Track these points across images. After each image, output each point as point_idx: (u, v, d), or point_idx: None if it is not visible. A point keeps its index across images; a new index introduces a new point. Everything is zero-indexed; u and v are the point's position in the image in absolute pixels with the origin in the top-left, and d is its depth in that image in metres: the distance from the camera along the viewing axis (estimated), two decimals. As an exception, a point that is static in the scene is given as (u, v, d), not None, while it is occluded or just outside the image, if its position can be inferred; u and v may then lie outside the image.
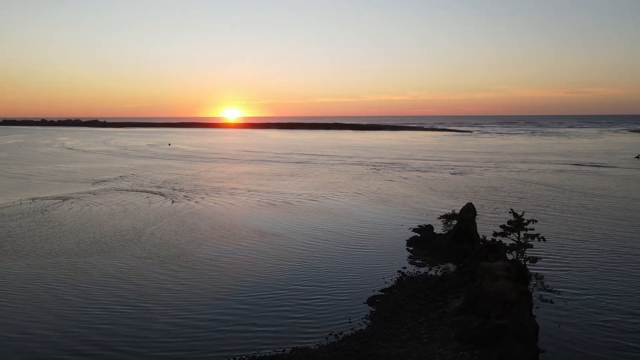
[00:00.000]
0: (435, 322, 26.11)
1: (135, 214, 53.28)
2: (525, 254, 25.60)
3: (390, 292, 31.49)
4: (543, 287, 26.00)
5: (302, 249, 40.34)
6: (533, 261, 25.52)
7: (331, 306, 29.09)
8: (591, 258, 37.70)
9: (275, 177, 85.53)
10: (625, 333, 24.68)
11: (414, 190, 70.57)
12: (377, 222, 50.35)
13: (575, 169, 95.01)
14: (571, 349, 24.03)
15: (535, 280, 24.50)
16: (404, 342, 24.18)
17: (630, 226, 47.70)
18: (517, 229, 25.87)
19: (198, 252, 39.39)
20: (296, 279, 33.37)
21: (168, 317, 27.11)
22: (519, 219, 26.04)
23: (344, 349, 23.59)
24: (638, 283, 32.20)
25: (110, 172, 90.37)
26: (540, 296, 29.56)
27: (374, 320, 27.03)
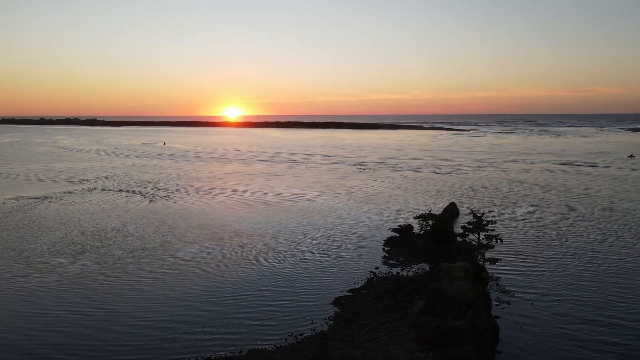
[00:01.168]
0: (396, 323, 25.99)
1: (116, 214, 53.17)
2: (485, 255, 25.42)
3: (358, 292, 31.33)
4: (504, 289, 25.89)
5: (277, 250, 40.20)
6: (493, 262, 25.38)
7: (297, 307, 28.93)
8: (567, 260, 37.34)
9: (261, 176, 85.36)
10: (585, 342, 24.47)
11: (400, 190, 70.41)
12: (357, 222, 50.20)
13: (565, 169, 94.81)
14: (530, 351, 23.84)
15: (491, 281, 24.36)
16: (362, 343, 24.07)
17: (611, 228, 47.50)
18: (476, 230, 25.69)
19: (172, 252, 39.27)
20: (266, 280, 33.21)
21: (130, 318, 26.98)
22: (478, 219, 25.90)
23: (301, 350, 23.48)
24: (608, 288, 31.73)
25: (98, 172, 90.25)
26: (505, 297, 29.50)
27: (336, 322, 26.90)
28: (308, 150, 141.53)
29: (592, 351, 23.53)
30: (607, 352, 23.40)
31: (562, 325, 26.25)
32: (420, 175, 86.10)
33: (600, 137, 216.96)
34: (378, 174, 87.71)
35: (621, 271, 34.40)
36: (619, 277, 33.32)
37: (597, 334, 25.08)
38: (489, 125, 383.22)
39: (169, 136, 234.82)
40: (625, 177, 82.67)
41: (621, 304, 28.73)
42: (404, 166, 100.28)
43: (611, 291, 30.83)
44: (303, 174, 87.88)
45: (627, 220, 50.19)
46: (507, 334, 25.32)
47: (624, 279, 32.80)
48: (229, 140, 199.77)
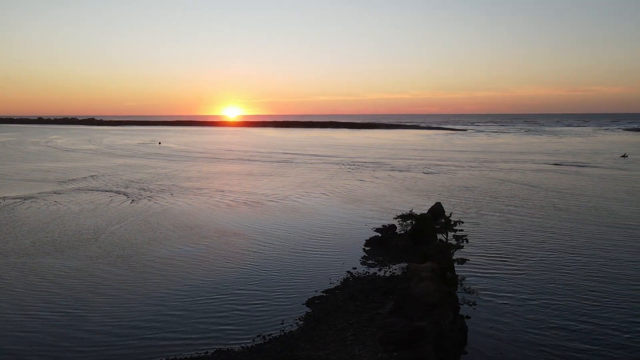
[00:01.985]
0: (365, 324, 25.97)
1: (100, 214, 53.15)
2: (453, 255, 25.45)
3: (333, 293, 31.30)
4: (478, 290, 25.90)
5: (257, 250, 40.19)
6: (461, 262, 25.40)
7: (269, 308, 28.89)
8: (546, 262, 37.08)
9: (249, 176, 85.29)
10: (552, 347, 24.34)
11: (388, 190, 70.43)
12: (341, 222, 50.20)
13: (556, 169, 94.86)
14: (495, 353, 23.84)
15: (463, 282, 24.36)
16: (328, 343, 24.06)
17: (595, 228, 47.52)
18: (445, 230, 25.71)
19: (152, 253, 39.25)
20: (242, 282, 33.16)
21: (96, 322, 26.68)
22: (446, 220, 25.87)
23: (266, 351, 23.48)
24: (585, 292, 31.41)
25: (86, 171, 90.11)
26: (479, 298, 29.54)
27: (306, 322, 26.87)
28: (301, 150, 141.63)
29: (557, 357, 23.45)
30: (573, 359, 23.33)
31: (531, 328, 26.13)
32: (410, 175, 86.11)
33: (596, 136, 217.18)
34: (367, 174, 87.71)
35: (600, 274, 34.15)
36: (597, 280, 32.99)
37: (566, 340, 24.81)
38: (487, 125, 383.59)
39: (166, 136, 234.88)
40: (615, 176, 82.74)
41: (595, 309, 28.45)
42: (395, 166, 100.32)
43: (587, 295, 30.51)
44: (291, 174, 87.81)
45: (611, 220, 50.22)
46: (476, 335, 25.34)
47: (601, 283, 32.50)
48: (224, 140, 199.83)
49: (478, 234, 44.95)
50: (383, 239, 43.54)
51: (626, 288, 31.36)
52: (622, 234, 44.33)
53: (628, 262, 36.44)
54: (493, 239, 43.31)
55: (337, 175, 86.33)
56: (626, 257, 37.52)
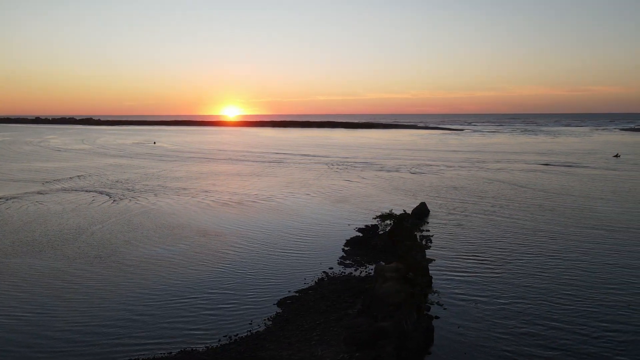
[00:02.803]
0: (332, 324, 25.99)
1: (83, 214, 53.11)
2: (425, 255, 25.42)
3: (306, 293, 31.28)
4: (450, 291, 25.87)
5: (235, 251, 40.17)
6: (428, 262, 25.35)
7: (240, 309, 28.82)
8: (524, 263, 36.82)
9: (237, 176, 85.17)
10: (515, 351, 24.25)
11: (376, 190, 70.42)
12: (324, 222, 50.17)
13: (546, 169, 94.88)
14: (459, 353, 23.81)
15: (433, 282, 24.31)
16: (292, 344, 24.06)
17: (577, 229, 47.51)
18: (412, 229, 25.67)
19: (131, 253, 39.22)
20: (215, 283, 33.10)
21: (65, 323, 26.52)
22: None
23: (230, 351, 23.46)
24: (559, 294, 31.06)
25: (74, 171, 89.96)
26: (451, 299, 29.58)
27: (275, 322, 26.85)
28: (293, 150, 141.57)
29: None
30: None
31: (499, 331, 25.73)
32: (399, 175, 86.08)
33: (592, 136, 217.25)
34: (356, 174, 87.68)
35: (576, 278, 33.64)
36: (572, 284, 32.41)
37: (531, 346, 24.33)
38: (484, 125, 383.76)
39: (162, 135, 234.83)
40: (604, 176, 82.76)
41: (568, 314, 27.93)
42: (385, 166, 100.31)
43: (562, 299, 29.93)
44: (279, 174, 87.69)
45: (594, 221, 50.15)
46: (442, 335, 25.28)
47: (577, 287, 31.90)
48: (218, 140, 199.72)
49: (460, 235, 44.95)
50: (363, 239, 43.51)
51: (601, 292, 30.85)
52: (604, 236, 44.19)
53: (606, 265, 35.97)
54: (474, 240, 43.25)
55: (326, 175, 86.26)
56: (605, 260, 37.06)
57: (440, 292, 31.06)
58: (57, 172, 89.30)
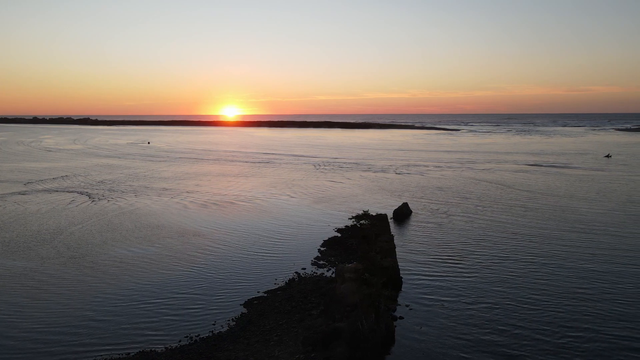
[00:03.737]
0: (293, 325, 26.03)
1: (65, 214, 53.10)
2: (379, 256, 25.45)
3: (274, 294, 31.30)
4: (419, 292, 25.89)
5: (210, 251, 40.18)
6: (386, 262, 25.38)
7: (207, 309, 28.80)
8: (499, 264, 36.67)
9: (223, 177, 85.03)
10: (476, 353, 24.23)
11: (361, 190, 70.44)
12: (304, 222, 50.19)
13: (536, 169, 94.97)
14: (418, 353, 23.84)
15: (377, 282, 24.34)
16: (251, 344, 24.10)
17: (557, 230, 47.59)
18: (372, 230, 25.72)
19: (106, 253, 39.20)
20: (186, 283, 33.08)
21: (19, 329, 26.22)
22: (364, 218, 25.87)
23: (188, 352, 23.48)
24: (529, 295, 30.99)
25: (60, 172, 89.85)
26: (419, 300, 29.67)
27: (238, 323, 26.88)
28: (285, 150, 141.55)
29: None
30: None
31: (463, 332, 25.64)
32: (386, 176, 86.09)
33: (587, 136, 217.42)
34: (344, 174, 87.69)
35: (549, 278, 33.62)
36: (545, 284, 32.40)
37: (494, 345, 24.29)
38: (481, 125, 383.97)
39: (158, 135, 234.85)
40: (591, 177, 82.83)
41: (535, 314, 27.89)
42: (374, 166, 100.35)
43: (531, 299, 29.85)
44: (266, 175, 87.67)
45: (574, 222, 50.17)
46: (404, 336, 25.33)
47: (549, 287, 31.95)
48: (212, 140, 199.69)
49: (438, 236, 44.97)
50: (340, 239, 43.58)
51: (571, 298, 30.48)
52: (581, 238, 44.04)
53: (580, 269, 35.53)
54: (451, 241, 43.22)
55: (312, 175, 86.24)
56: (579, 264, 36.88)
57: (409, 293, 31.12)
58: (43, 172, 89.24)
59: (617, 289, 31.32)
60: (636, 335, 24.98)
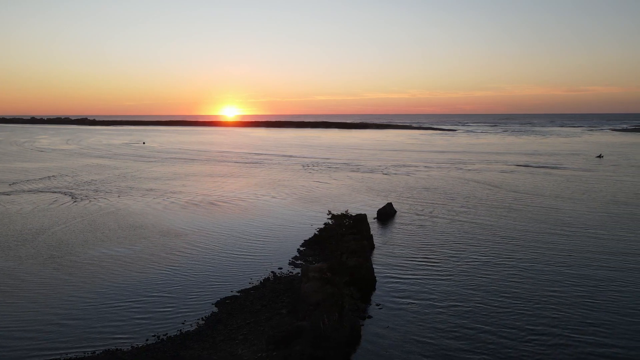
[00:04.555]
0: (261, 324, 26.28)
1: (49, 214, 53.31)
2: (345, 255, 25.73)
3: (247, 293, 31.50)
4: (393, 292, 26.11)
5: (190, 251, 40.35)
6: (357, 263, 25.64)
7: (179, 308, 28.97)
8: (476, 266, 36.68)
9: (210, 177, 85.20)
10: (437, 354, 24.46)
11: (348, 190, 70.67)
12: (287, 223, 50.38)
13: (525, 169, 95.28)
14: (383, 352, 24.07)
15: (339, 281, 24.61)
16: (217, 343, 24.35)
17: (538, 230, 47.86)
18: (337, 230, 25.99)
19: (86, 253, 39.39)
20: (161, 284, 33.18)
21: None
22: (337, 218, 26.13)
23: (154, 350, 23.71)
24: (500, 298, 31.04)
25: (48, 172, 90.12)
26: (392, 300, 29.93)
27: (208, 322, 27.09)
28: (277, 151, 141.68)
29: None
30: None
31: (428, 332, 25.80)
32: (375, 176, 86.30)
33: (582, 137, 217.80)
34: (333, 175, 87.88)
35: (524, 279, 33.68)
36: (518, 286, 32.50)
37: (455, 347, 24.35)
38: (478, 125, 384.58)
39: (154, 136, 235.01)
40: (579, 177, 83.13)
41: (502, 315, 27.98)
42: (365, 166, 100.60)
43: (501, 300, 29.89)
44: (255, 175, 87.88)
45: (556, 223, 50.41)
46: (371, 333, 25.58)
47: (521, 289, 32.00)
48: (207, 140, 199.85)
49: (419, 236, 45.21)
50: (322, 238, 43.72)
51: (543, 296, 30.97)
52: (561, 238, 44.25)
53: (556, 270, 35.74)
54: (432, 241, 43.44)
55: (301, 176, 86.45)
56: (555, 266, 37.03)
57: (382, 293, 31.35)
58: (31, 172, 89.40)
59: (589, 293, 31.31)
60: (604, 341, 24.88)
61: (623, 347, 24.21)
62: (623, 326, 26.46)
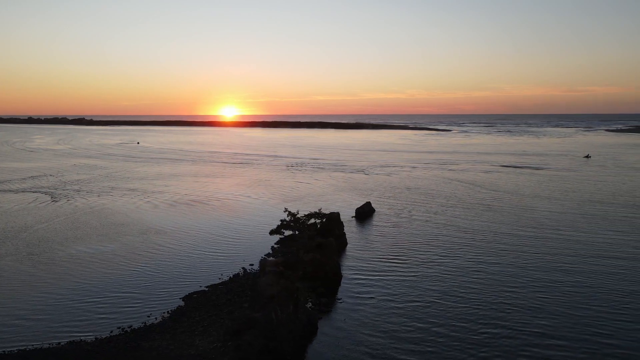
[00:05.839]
0: (222, 317, 27.33)
1: (34, 213, 54.29)
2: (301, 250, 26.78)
3: (216, 288, 32.50)
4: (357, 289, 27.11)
5: (167, 248, 41.35)
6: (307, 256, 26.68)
7: (147, 302, 29.95)
8: (447, 263, 37.56)
9: (194, 177, 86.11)
10: (382, 349, 25.30)
11: (331, 190, 71.69)
12: (264, 221, 51.25)
13: (511, 170, 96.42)
14: (336, 344, 25.07)
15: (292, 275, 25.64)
16: (177, 335, 25.37)
17: (512, 229, 48.83)
18: (293, 227, 27.08)
19: (63, 250, 40.34)
20: (132, 279, 34.15)
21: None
22: (294, 217, 27.24)
23: (116, 341, 24.68)
24: (458, 295, 31.90)
25: (35, 172, 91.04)
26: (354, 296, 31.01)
27: (172, 315, 28.08)
28: (267, 151, 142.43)
29: (380, 357, 24.05)
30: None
31: (381, 326, 26.60)
32: (360, 176, 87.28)
33: (575, 137, 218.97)
34: (319, 174, 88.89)
35: (487, 278, 34.52)
36: (480, 284, 33.30)
37: (406, 341, 25.16)
38: (474, 126, 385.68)
39: (150, 136, 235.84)
40: (562, 177, 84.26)
41: (461, 310, 28.94)
42: (352, 166, 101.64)
43: (462, 298, 30.72)
44: (240, 175, 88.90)
45: (531, 222, 51.50)
46: (326, 327, 26.62)
47: (482, 287, 32.85)
48: (201, 140, 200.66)
49: (393, 235, 46.21)
50: (298, 236, 44.77)
51: (504, 290, 32.05)
52: (530, 236, 45.35)
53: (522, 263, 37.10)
54: (405, 239, 44.48)
55: (287, 176, 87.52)
56: (522, 261, 38.19)
57: (346, 288, 32.40)
58: (19, 172, 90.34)
59: (547, 288, 32.46)
60: (546, 331, 26.29)
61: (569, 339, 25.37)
62: (567, 325, 27.68)
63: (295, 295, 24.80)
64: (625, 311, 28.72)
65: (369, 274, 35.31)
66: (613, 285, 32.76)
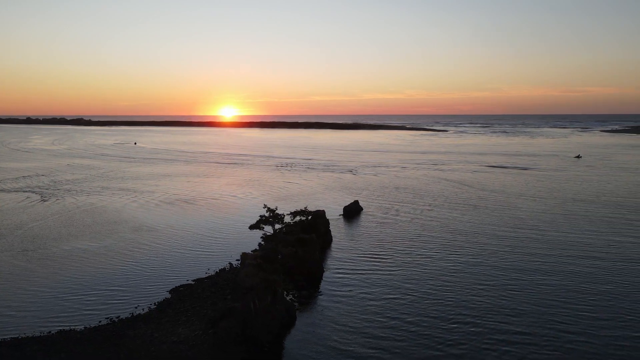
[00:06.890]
0: (205, 307, 28.78)
1: (28, 211, 55.64)
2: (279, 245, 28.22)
3: (202, 281, 33.93)
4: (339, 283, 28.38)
5: (158, 244, 42.73)
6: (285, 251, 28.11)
7: (136, 295, 31.41)
8: (428, 261, 38.73)
9: (185, 177, 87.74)
10: (354, 345, 26.41)
11: (322, 189, 73.10)
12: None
13: (501, 169, 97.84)
14: (313, 336, 26.52)
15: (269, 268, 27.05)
16: (161, 324, 26.82)
17: (494, 227, 50.15)
18: (272, 222, 28.53)
19: (57, 247, 41.73)
20: (122, 273, 35.59)
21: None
22: (273, 213, 28.70)
23: (104, 330, 26.12)
24: (436, 289, 33.19)
25: (27, 171, 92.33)
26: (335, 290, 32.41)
27: (159, 306, 29.51)
28: (261, 151, 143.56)
29: (351, 350, 25.36)
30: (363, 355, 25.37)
31: (353, 322, 27.66)
32: (351, 176, 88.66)
33: (570, 137, 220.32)
34: (310, 174, 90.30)
35: (465, 274, 35.68)
36: (457, 280, 34.53)
37: (376, 337, 26.06)
38: (471, 126, 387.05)
39: (148, 136, 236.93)
40: (550, 177, 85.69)
41: (435, 307, 29.99)
42: (343, 166, 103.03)
43: (435, 294, 31.80)
44: (232, 175, 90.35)
45: (513, 220, 52.85)
46: (304, 318, 28.06)
47: (459, 282, 34.07)
48: (197, 141, 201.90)
49: (379, 232, 47.64)
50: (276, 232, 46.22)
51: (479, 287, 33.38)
52: (511, 233, 46.82)
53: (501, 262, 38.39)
54: (390, 236, 45.80)
55: (277, 175, 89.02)
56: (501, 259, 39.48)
57: (327, 283, 33.78)
58: (13, 172, 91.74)
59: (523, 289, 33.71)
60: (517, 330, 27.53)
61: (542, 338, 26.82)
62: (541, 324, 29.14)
63: (273, 287, 26.23)
64: (597, 310, 29.94)
65: (350, 269, 36.76)
66: (587, 286, 33.82)
